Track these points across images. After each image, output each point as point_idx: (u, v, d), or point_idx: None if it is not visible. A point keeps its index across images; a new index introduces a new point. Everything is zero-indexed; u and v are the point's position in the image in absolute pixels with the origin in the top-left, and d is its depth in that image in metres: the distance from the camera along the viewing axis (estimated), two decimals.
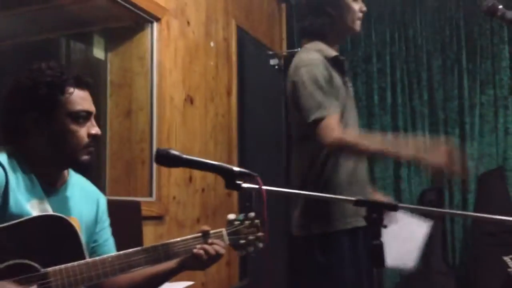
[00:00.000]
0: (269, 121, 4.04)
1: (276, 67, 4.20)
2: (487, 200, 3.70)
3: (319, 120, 1.81)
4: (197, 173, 3.03)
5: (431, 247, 3.60)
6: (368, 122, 4.13)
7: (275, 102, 4.20)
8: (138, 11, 2.67)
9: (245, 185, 1.28)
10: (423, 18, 4.04)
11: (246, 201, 1.50)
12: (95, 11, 2.72)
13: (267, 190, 1.28)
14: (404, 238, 2.01)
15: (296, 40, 2.14)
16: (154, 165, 2.70)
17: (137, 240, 2.27)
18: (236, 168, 1.30)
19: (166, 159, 1.31)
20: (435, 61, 3.98)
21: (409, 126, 4.01)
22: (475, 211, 3.72)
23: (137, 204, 2.37)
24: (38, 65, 1.38)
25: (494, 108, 3.82)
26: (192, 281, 2.35)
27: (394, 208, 1.30)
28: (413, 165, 1.70)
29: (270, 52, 4.16)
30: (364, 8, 2.02)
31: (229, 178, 1.30)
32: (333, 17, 1.97)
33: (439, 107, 3.95)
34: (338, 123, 1.83)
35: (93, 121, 1.42)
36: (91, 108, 1.42)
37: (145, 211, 2.47)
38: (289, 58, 4.43)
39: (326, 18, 1.96)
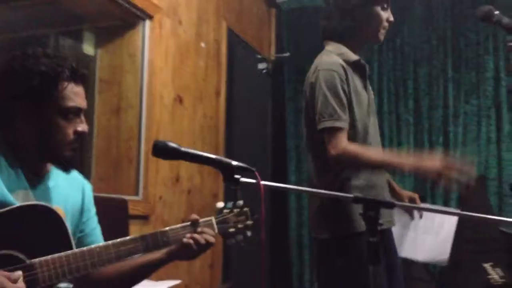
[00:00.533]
0: (256, 125, 4.04)
1: (264, 71, 4.21)
2: (468, 208, 3.75)
3: (328, 129, 1.81)
4: (184, 174, 3.01)
5: None
6: None
7: (262, 105, 4.21)
8: (132, 8, 2.65)
9: (243, 179, 1.28)
10: (410, 28, 4.09)
11: (232, 190, 1.47)
12: (87, 7, 2.70)
13: (264, 185, 1.28)
14: (435, 232, 2.00)
15: (322, 38, 2.11)
16: (142, 164, 2.67)
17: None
18: (234, 162, 1.29)
19: (163, 151, 1.30)
20: (421, 70, 4.04)
21: (394, 133, 4.05)
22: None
23: (124, 202, 2.34)
24: (34, 50, 1.32)
25: (477, 117, 3.88)
26: (176, 280, 2.33)
27: (391, 206, 1.31)
28: (413, 174, 1.71)
29: (259, 56, 4.17)
30: (392, 18, 2.00)
31: (227, 172, 1.28)
32: (359, 23, 1.95)
33: (424, 116, 4.00)
34: (345, 138, 1.82)
35: (82, 117, 1.37)
36: (83, 104, 1.37)
37: (131, 209, 2.44)
38: (277, 62, 4.45)
39: (351, 22, 1.94)
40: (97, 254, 1.26)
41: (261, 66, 4.18)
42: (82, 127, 1.36)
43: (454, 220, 2.05)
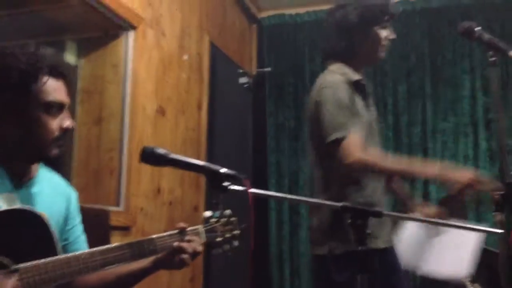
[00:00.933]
0: (237, 138, 4.05)
1: (246, 85, 4.22)
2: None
3: (340, 140, 1.80)
4: (165, 185, 2.98)
5: None
6: None
7: (244, 120, 4.21)
8: (115, 18, 2.64)
9: (232, 187, 1.27)
10: (390, 45, 4.16)
11: (213, 198, 1.46)
12: (70, 16, 2.67)
13: (253, 193, 1.27)
14: (456, 246, 1.99)
15: (323, 58, 2.11)
16: (123, 175, 2.64)
17: None
18: (222, 170, 1.28)
19: (152, 157, 1.29)
20: (401, 86, 4.11)
21: None
22: None
23: (105, 213, 2.30)
24: (12, 49, 1.31)
25: (455, 134, 3.95)
26: None
27: (379, 215, 1.32)
28: (437, 182, 1.73)
29: (240, 71, 4.19)
30: (392, 36, 2.02)
31: (215, 179, 1.28)
32: (357, 43, 1.96)
33: (404, 132, 4.05)
34: (360, 143, 1.82)
35: (66, 113, 1.35)
36: (65, 99, 1.35)
37: (112, 221, 2.40)
38: (258, 77, 4.48)
39: (349, 43, 1.96)
40: (83, 261, 1.23)
41: (243, 80, 4.20)
42: (68, 122, 1.34)
43: (476, 235, 2.05)
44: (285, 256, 4.14)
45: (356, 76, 1.96)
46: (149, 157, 1.28)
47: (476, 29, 1.64)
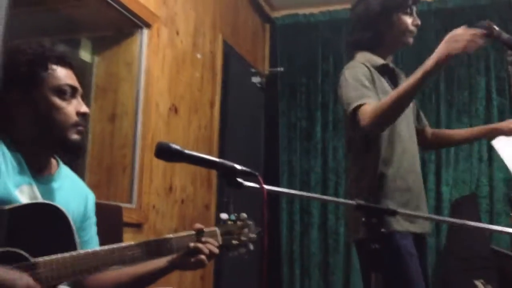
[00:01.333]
0: (249, 138, 4.04)
1: (258, 85, 4.22)
2: (460, 225, 3.75)
3: (355, 109, 1.81)
4: (177, 183, 2.99)
5: None
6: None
7: (256, 119, 4.21)
8: (130, 16, 2.65)
9: (246, 183, 1.27)
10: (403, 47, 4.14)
11: (225, 197, 1.47)
12: (85, 14, 2.69)
13: (268, 190, 1.27)
14: None
15: (347, 53, 2.13)
16: (136, 172, 2.65)
17: None
18: (238, 166, 1.28)
19: (167, 153, 1.28)
20: None
21: None
22: (448, 236, 3.77)
23: (119, 209, 2.31)
24: (16, 45, 1.33)
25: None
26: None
27: (393, 213, 1.31)
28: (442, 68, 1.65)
29: (253, 70, 4.19)
30: (417, 22, 2.01)
31: (230, 175, 1.28)
32: (382, 32, 1.97)
33: None
34: (369, 106, 1.80)
35: (80, 99, 1.37)
36: (76, 84, 1.37)
37: (124, 217, 2.41)
38: (270, 77, 4.48)
39: (373, 32, 1.97)
40: (101, 257, 1.24)
41: (255, 80, 4.20)
42: (83, 108, 1.36)
43: None
44: (295, 256, 4.13)
45: (381, 61, 1.97)
46: (164, 152, 1.28)
47: (495, 28, 1.63)
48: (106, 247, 1.29)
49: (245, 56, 4.04)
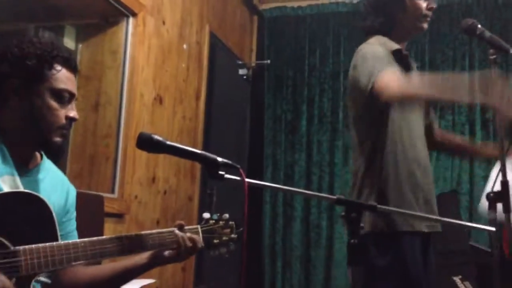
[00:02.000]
0: (234, 129, 4.04)
1: (245, 77, 4.21)
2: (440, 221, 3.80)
3: (376, 82, 1.71)
4: (160, 174, 2.98)
5: None
6: (331, 137, 4.19)
7: (241, 111, 4.20)
8: (116, 4, 2.62)
9: (227, 175, 1.27)
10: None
11: (208, 189, 1.47)
12: (70, 1, 2.66)
13: (249, 182, 1.27)
14: None
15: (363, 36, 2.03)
16: (119, 162, 2.63)
17: (98, 235, 2.19)
18: (219, 158, 1.28)
19: (148, 144, 1.28)
20: None
21: None
22: None
23: (100, 199, 2.30)
24: (29, 37, 1.35)
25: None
26: (150, 279, 2.29)
27: (374, 208, 1.32)
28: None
29: (240, 62, 4.17)
30: (432, 5, 1.94)
31: (212, 167, 1.27)
32: (394, 17, 1.91)
33: None
34: (395, 75, 1.72)
35: (73, 105, 1.38)
36: (75, 91, 1.39)
37: (106, 207, 2.40)
38: (257, 69, 4.47)
39: (386, 17, 1.91)
40: (82, 248, 1.23)
41: (242, 72, 4.18)
42: (74, 113, 1.37)
43: None
44: (277, 249, 4.15)
45: (396, 46, 1.89)
46: (146, 143, 1.27)
47: (478, 26, 1.63)
48: (87, 239, 1.28)
49: (232, 48, 4.02)
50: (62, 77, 1.34)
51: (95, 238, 1.28)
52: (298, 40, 4.37)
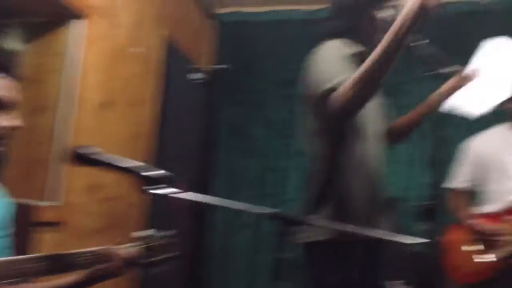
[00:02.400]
0: (187, 135, 3.99)
1: (199, 82, 4.16)
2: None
3: (329, 91, 1.64)
4: (104, 181, 2.89)
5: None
6: (284, 143, 4.19)
7: (194, 117, 4.15)
8: (63, 4, 2.53)
9: (151, 191, 1.24)
10: None
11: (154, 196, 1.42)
12: (15, 0, 2.55)
13: (175, 198, 1.24)
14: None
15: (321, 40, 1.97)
16: (58, 169, 2.53)
17: (34, 246, 2.11)
18: (151, 172, 1.24)
19: (76, 157, 1.23)
20: None
21: None
22: None
23: (33, 208, 2.20)
24: None
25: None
26: None
27: (300, 223, 1.31)
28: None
29: (194, 66, 4.12)
30: (391, 17, 1.86)
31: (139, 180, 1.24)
32: (353, 23, 1.89)
33: None
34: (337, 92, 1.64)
35: (15, 112, 1.32)
36: (16, 96, 1.32)
37: (43, 216, 2.31)
38: (212, 74, 4.42)
39: (346, 22, 1.89)
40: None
41: (196, 76, 4.13)
42: (16, 121, 1.30)
43: None
44: (221, 256, 4.11)
45: (354, 49, 1.85)
46: (73, 157, 1.23)
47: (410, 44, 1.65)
48: (7, 258, 1.20)
49: (187, 52, 3.97)
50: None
51: (18, 257, 1.19)
52: (254, 45, 4.35)
